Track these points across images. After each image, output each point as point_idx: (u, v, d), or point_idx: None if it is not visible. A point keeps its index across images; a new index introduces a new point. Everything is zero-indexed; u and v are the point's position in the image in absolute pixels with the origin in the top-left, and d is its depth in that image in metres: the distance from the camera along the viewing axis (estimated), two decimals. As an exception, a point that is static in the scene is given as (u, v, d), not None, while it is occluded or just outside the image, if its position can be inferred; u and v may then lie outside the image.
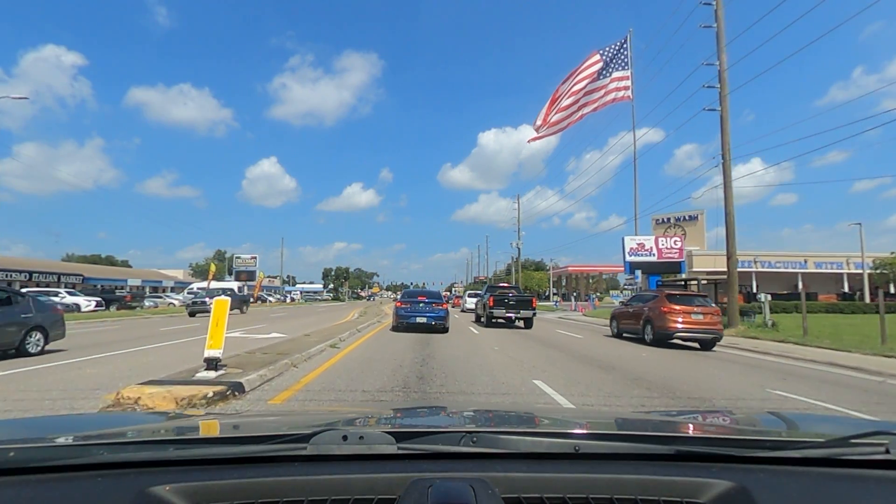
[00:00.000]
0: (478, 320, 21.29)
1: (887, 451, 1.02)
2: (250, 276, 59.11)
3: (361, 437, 1.03)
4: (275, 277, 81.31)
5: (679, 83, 49.04)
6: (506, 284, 29.26)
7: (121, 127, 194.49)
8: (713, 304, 14.15)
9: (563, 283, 77.42)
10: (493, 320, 18.40)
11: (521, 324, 18.73)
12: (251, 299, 49.34)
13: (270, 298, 61.52)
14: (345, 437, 1.02)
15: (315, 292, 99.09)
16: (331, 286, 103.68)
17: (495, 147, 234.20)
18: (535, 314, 18.60)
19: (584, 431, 1.27)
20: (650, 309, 13.69)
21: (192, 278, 66.46)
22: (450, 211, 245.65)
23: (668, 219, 47.89)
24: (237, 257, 59.68)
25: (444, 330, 15.08)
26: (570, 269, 73.91)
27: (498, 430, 1.23)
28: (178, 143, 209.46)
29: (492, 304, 18.17)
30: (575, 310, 40.95)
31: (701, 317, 12.69)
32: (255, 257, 59.10)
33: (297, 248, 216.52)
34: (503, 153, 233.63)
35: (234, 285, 47.08)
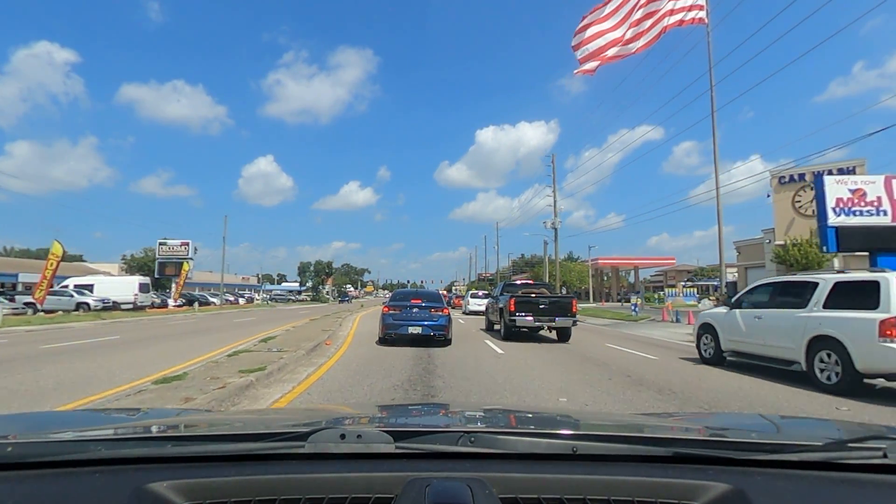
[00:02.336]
0: (489, 328, 16.74)
1: (885, 456, 1.01)
2: (177, 267, 44.85)
3: (359, 436, 1.03)
4: (265, 277, 69.72)
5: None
6: (529, 281, 23.40)
7: (114, 125, 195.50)
8: None
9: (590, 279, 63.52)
10: (515, 330, 13.29)
11: (550, 332, 14.13)
12: (167, 301, 35.12)
13: (214, 300, 46.94)
14: (343, 436, 1.02)
15: (288, 291, 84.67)
16: (309, 284, 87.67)
17: (493, 145, 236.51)
18: (575, 322, 13.44)
19: (582, 432, 1.27)
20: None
21: (124, 273, 52.07)
22: (448, 209, 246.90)
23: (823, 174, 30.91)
24: (161, 243, 45.01)
25: (446, 342, 11.60)
26: (600, 261, 60.01)
27: (496, 430, 1.26)
28: (173, 142, 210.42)
29: (513, 308, 13.02)
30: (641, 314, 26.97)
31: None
32: (188, 244, 44.60)
33: (294, 248, 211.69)
34: (501, 151, 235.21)
35: (130, 280, 33.28)
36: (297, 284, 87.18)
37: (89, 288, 31.14)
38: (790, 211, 29.34)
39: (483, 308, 32.29)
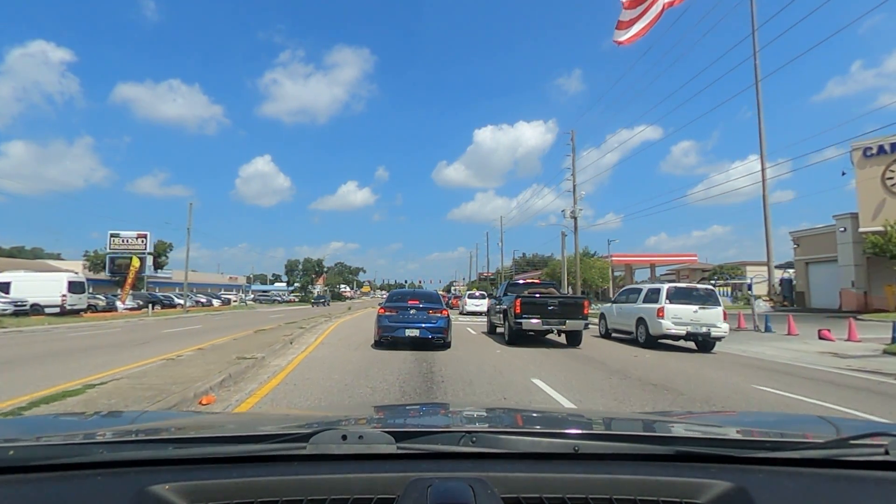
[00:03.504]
0: (492, 331, 15.34)
1: (886, 453, 1.01)
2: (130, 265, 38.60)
3: (361, 437, 1.02)
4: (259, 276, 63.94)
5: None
6: (535, 280, 21.20)
7: (110, 124, 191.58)
8: None
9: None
10: (522, 333, 12.28)
11: (558, 336, 13.06)
12: (114, 299, 29.19)
13: (179, 301, 40.52)
14: (344, 437, 1.01)
15: (274, 292, 79.01)
16: (296, 284, 78.80)
17: (492, 144, 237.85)
18: (587, 325, 12.41)
19: (584, 432, 1.26)
20: None
21: (88, 271, 45.84)
22: (446, 210, 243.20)
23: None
24: (114, 235, 38.32)
25: (445, 346, 11.11)
26: (613, 258, 54.27)
27: (497, 429, 1.26)
28: (169, 142, 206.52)
29: (519, 310, 11.95)
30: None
31: None
32: (146, 236, 38.27)
33: (292, 248, 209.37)
34: (499, 151, 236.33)
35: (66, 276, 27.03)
36: (286, 285, 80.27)
37: (4, 287, 25.11)
38: (879, 190, 23.78)
39: (480, 308, 30.15)
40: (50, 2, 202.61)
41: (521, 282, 16.76)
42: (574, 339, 12.45)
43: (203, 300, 44.52)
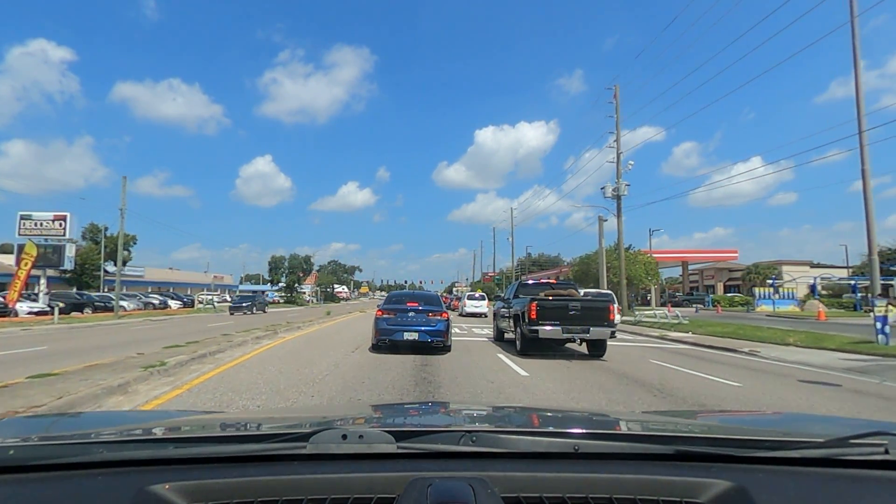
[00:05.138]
0: (499, 338, 13.74)
1: (886, 452, 1.01)
2: (55, 252, 30.69)
3: (361, 436, 1.01)
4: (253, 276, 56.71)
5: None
6: (551, 279, 17.28)
7: (110, 124, 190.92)
8: None
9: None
10: (536, 342, 10.47)
11: (578, 345, 11.41)
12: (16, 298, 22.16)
13: (125, 303, 32.54)
14: (344, 436, 1.01)
15: (253, 292, 71.54)
16: (281, 284, 67.46)
17: (493, 145, 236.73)
18: (613, 333, 11.05)
19: (584, 431, 1.24)
20: None
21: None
22: (446, 211, 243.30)
23: None
24: (25, 217, 30.53)
25: (445, 349, 10.63)
26: (648, 254, 46.55)
27: (497, 429, 1.26)
28: (169, 142, 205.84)
29: (535, 315, 10.24)
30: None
31: None
32: (65, 219, 30.58)
33: (293, 249, 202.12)
34: (500, 151, 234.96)
35: None
36: (269, 284, 71.83)
37: None
38: None
39: (480, 310, 29.28)
40: (49, 1, 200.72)
41: (533, 282, 14.44)
42: (598, 348, 10.74)
43: (156, 302, 36.60)
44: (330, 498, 0.88)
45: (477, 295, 31.93)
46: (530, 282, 14.56)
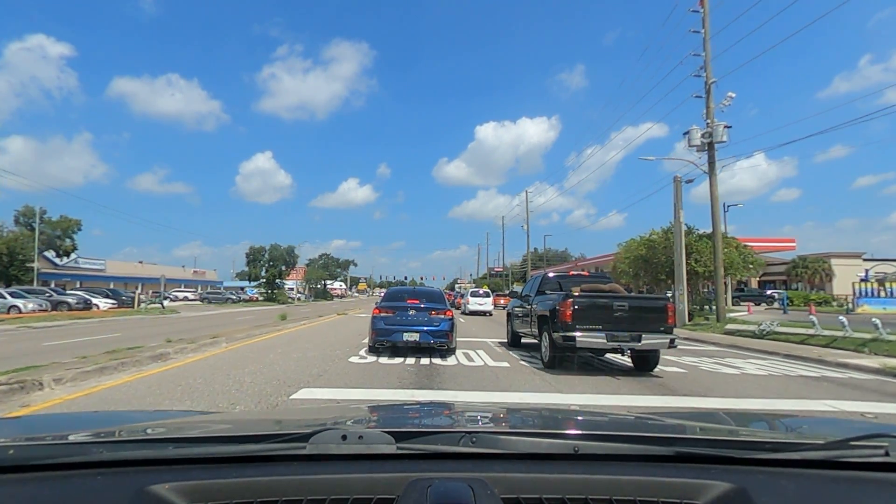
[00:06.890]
0: (515, 343, 11.49)
1: (886, 454, 1.00)
2: None
3: (361, 437, 1.01)
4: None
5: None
6: (582, 272, 14.33)
7: (109, 120, 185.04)
8: None
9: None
10: (571, 353, 8.19)
11: (621, 356, 8.74)
12: None
13: (21, 302, 24.08)
14: (344, 437, 1.00)
15: (224, 289, 64.56)
16: (262, 279, 57.03)
17: (493, 141, 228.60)
18: (673, 342, 7.90)
19: (584, 432, 1.23)
20: None
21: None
22: (447, 207, 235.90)
23: None
24: None
25: (448, 352, 9.67)
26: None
27: (497, 430, 1.26)
28: (168, 138, 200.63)
29: (571, 317, 7.76)
30: None
31: None
32: None
33: (294, 246, 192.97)
34: (501, 147, 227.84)
35: None
36: (248, 279, 62.18)
37: None
38: None
39: (485, 308, 27.36)
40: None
41: (551, 275, 11.34)
42: (648, 362, 8.20)
43: (71, 301, 27.87)
44: (330, 498, 0.88)
45: (481, 292, 29.33)
46: (551, 275, 11.76)
